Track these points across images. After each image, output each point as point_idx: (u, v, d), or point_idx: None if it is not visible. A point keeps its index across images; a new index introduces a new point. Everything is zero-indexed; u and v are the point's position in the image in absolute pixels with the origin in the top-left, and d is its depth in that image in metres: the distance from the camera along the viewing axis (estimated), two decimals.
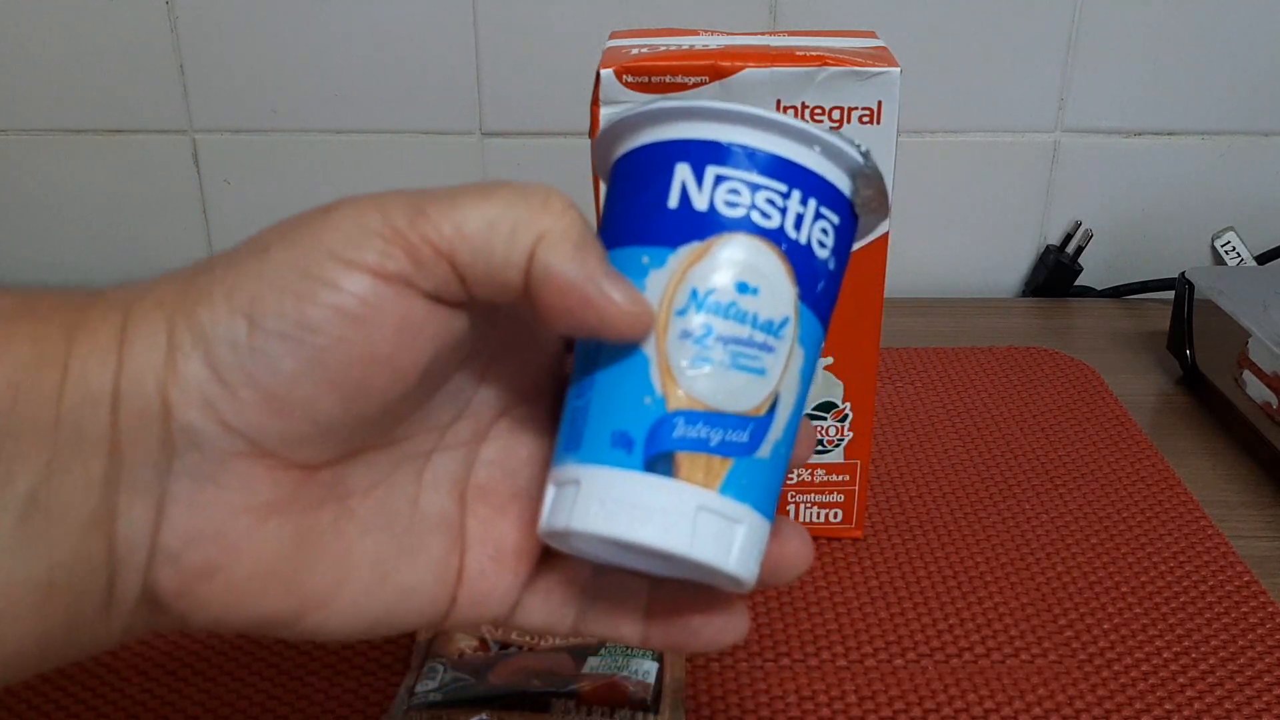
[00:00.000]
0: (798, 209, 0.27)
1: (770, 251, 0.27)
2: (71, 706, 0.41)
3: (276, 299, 0.24)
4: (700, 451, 0.26)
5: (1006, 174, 0.77)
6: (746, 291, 0.27)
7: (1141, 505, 0.53)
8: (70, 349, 0.24)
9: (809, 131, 0.27)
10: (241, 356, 0.24)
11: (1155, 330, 0.73)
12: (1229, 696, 0.42)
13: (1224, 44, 0.74)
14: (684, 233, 0.27)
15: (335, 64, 0.74)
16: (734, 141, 0.27)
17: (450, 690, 0.39)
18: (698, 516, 0.26)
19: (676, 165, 0.27)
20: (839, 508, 0.50)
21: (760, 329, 0.27)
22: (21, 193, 0.78)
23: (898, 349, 0.68)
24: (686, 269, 0.26)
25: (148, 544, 0.25)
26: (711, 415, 0.26)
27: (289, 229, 0.25)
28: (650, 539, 0.26)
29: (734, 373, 0.27)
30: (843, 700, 0.41)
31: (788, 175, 0.27)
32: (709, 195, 0.27)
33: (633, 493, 0.26)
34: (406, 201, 0.25)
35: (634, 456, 0.26)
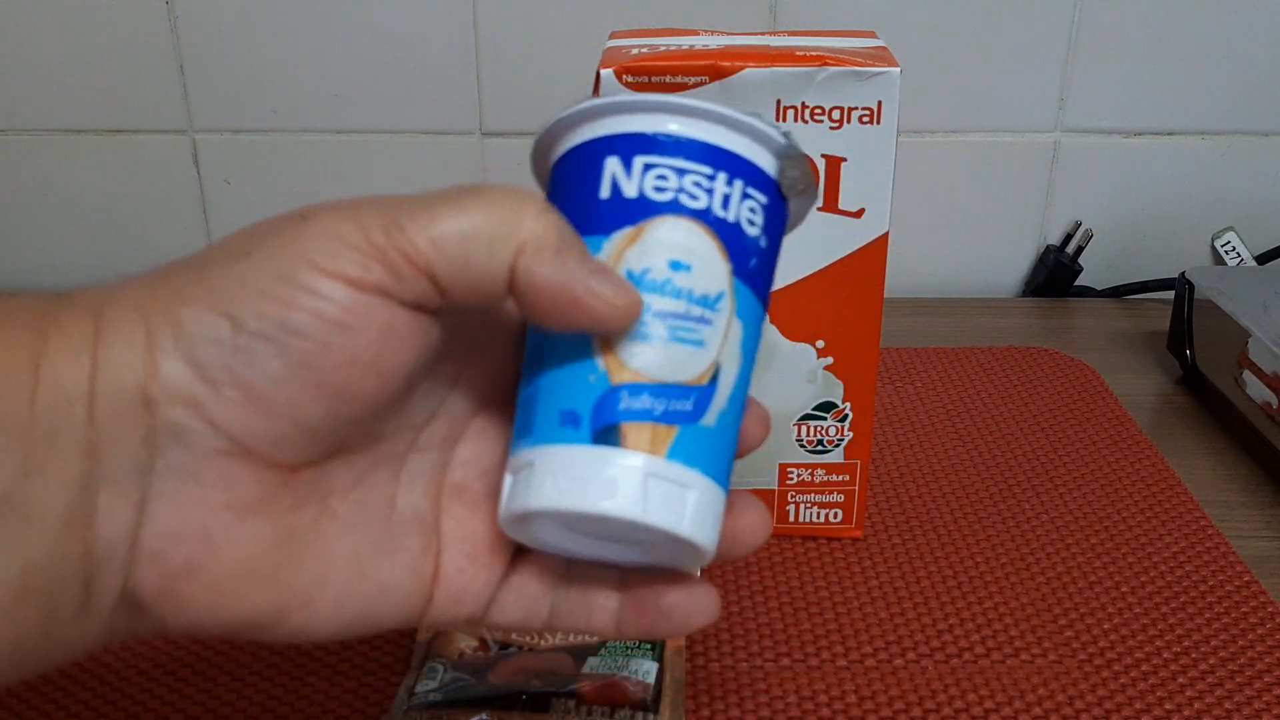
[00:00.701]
0: (724, 190, 0.28)
1: (700, 230, 0.28)
2: (71, 706, 0.41)
3: (258, 302, 0.24)
4: (645, 421, 0.27)
5: (1006, 174, 0.78)
6: (680, 268, 0.28)
7: (1141, 505, 0.53)
8: (42, 350, 0.24)
9: (731, 116, 0.28)
10: (225, 355, 0.24)
11: (1155, 330, 0.73)
12: (1229, 696, 0.42)
13: (1224, 44, 0.74)
14: (617, 219, 0.28)
15: (335, 64, 0.74)
16: (659, 131, 0.28)
17: (450, 690, 0.39)
18: (647, 482, 0.27)
19: (606, 159, 0.28)
20: (839, 508, 0.50)
21: (696, 303, 0.28)
22: (21, 193, 0.78)
23: (898, 349, 0.68)
24: (622, 251, 0.28)
25: (128, 542, 0.25)
26: (654, 386, 0.27)
27: (267, 234, 0.25)
28: (603, 508, 0.26)
29: (673, 345, 0.28)
30: (843, 700, 0.41)
31: (712, 159, 0.28)
32: (638, 183, 0.28)
33: (583, 465, 0.27)
34: (382, 213, 0.25)
35: (582, 431, 0.27)
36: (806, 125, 0.43)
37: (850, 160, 0.43)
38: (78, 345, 0.24)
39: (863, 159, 0.43)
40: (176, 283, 0.25)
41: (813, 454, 0.49)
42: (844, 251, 0.45)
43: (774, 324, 0.46)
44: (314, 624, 0.27)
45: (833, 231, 0.45)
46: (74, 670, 0.43)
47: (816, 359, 0.47)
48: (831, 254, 0.45)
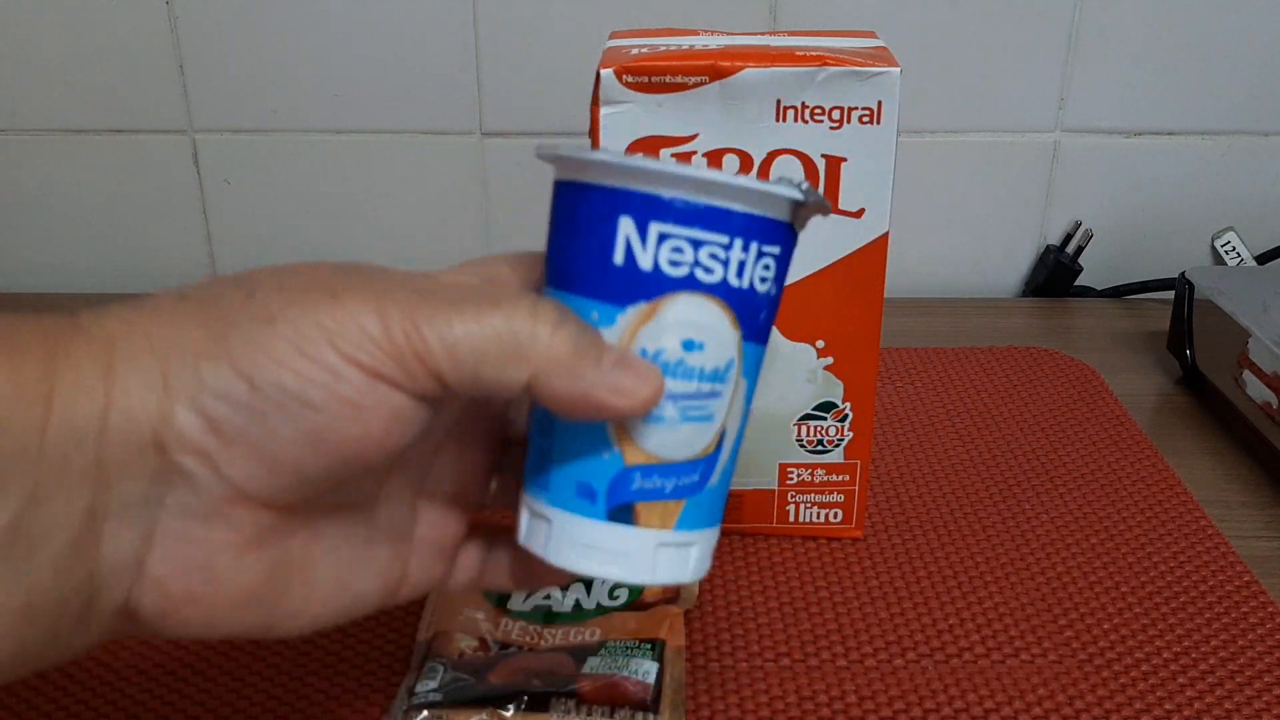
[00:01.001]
0: (740, 257, 0.28)
1: (714, 305, 0.28)
2: (71, 706, 0.41)
3: (278, 371, 0.25)
4: (656, 500, 0.29)
5: (1006, 174, 0.78)
6: (693, 349, 0.28)
7: (1141, 505, 0.53)
8: (52, 383, 0.24)
9: (748, 188, 0.28)
10: (240, 415, 0.25)
11: (1155, 330, 0.73)
12: (1229, 696, 0.42)
13: (1224, 44, 0.74)
14: (631, 292, 0.28)
15: (335, 64, 0.74)
16: (676, 196, 0.27)
17: (450, 690, 0.39)
18: (657, 553, 0.29)
19: (620, 217, 0.28)
20: (839, 508, 0.50)
21: (707, 380, 0.29)
22: (21, 193, 0.78)
23: (898, 349, 0.68)
24: (635, 329, 0.28)
25: (133, 569, 0.26)
26: (665, 467, 0.29)
27: (293, 301, 0.26)
28: (618, 576, 0.29)
29: (684, 425, 0.29)
30: (843, 700, 0.41)
31: (729, 226, 0.28)
32: (653, 254, 0.28)
33: (599, 538, 0.29)
34: (405, 311, 0.26)
35: (597, 507, 0.29)
36: (806, 125, 0.43)
37: (850, 160, 0.43)
38: (90, 382, 0.24)
39: (863, 159, 0.43)
40: (197, 333, 0.25)
41: (813, 454, 0.49)
42: (844, 251, 0.45)
43: (774, 324, 0.46)
44: (294, 631, 0.29)
45: (833, 231, 0.45)
46: (74, 670, 0.43)
47: (816, 359, 0.47)
48: (831, 254, 0.45)
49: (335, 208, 0.78)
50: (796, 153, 0.43)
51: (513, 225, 0.78)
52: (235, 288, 0.27)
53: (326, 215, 0.78)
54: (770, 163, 0.44)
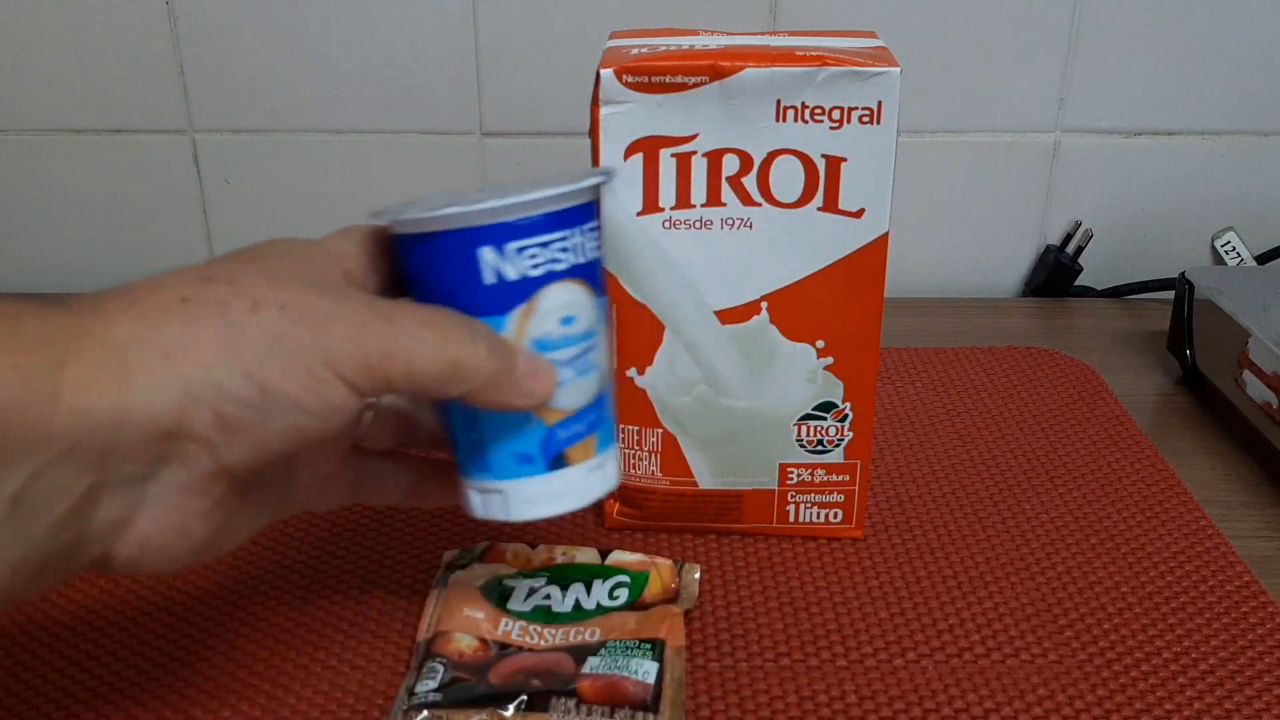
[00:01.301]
0: (577, 240, 0.36)
1: (572, 284, 0.35)
2: (71, 706, 0.41)
3: (286, 382, 0.31)
4: (578, 441, 0.37)
5: (1006, 174, 0.78)
6: (569, 322, 0.35)
7: (1141, 505, 0.53)
8: (61, 380, 0.28)
9: (573, 189, 0.35)
10: (249, 413, 0.31)
11: (1155, 330, 0.73)
12: (1229, 696, 0.42)
13: (1224, 44, 0.74)
14: (507, 301, 0.35)
15: (335, 64, 0.74)
16: (518, 219, 0.34)
17: (450, 690, 0.39)
18: (588, 478, 0.37)
19: (479, 250, 0.34)
20: (839, 508, 0.50)
21: (583, 340, 0.36)
22: (21, 193, 0.78)
23: (898, 349, 0.68)
24: (521, 326, 0.35)
25: (119, 529, 0.31)
26: (576, 414, 0.36)
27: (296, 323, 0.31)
28: (568, 508, 0.37)
29: (580, 380, 0.36)
30: (843, 700, 0.41)
31: (564, 223, 0.35)
32: (515, 266, 0.34)
33: (546, 488, 0.37)
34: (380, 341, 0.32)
35: (537, 466, 0.36)
36: (806, 125, 0.43)
37: (850, 160, 0.43)
38: (102, 381, 0.29)
39: (863, 159, 0.43)
40: (210, 342, 0.30)
41: (813, 454, 0.49)
42: (844, 251, 0.45)
43: (774, 324, 0.46)
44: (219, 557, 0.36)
45: (833, 231, 0.45)
46: (74, 669, 0.43)
47: (816, 359, 0.47)
48: (831, 254, 0.45)
49: (335, 208, 0.78)
50: (796, 153, 0.43)
51: None
52: (235, 294, 0.31)
53: (326, 215, 0.78)
54: (770, 163, 0.44)
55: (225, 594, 0.47)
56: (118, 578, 0.47)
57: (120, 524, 0.31)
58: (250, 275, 0.32)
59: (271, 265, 0.33)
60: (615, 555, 0.48)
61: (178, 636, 0.45)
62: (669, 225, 0.45)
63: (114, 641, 0.44)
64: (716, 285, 0.46)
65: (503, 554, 0.48)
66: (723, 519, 0.50)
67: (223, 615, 0.46)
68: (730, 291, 0.46)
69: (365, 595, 0.47)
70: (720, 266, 0.45)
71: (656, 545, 0.50)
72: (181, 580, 0.48)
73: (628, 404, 0.48)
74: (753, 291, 0.46)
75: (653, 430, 0.48)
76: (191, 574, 0.48)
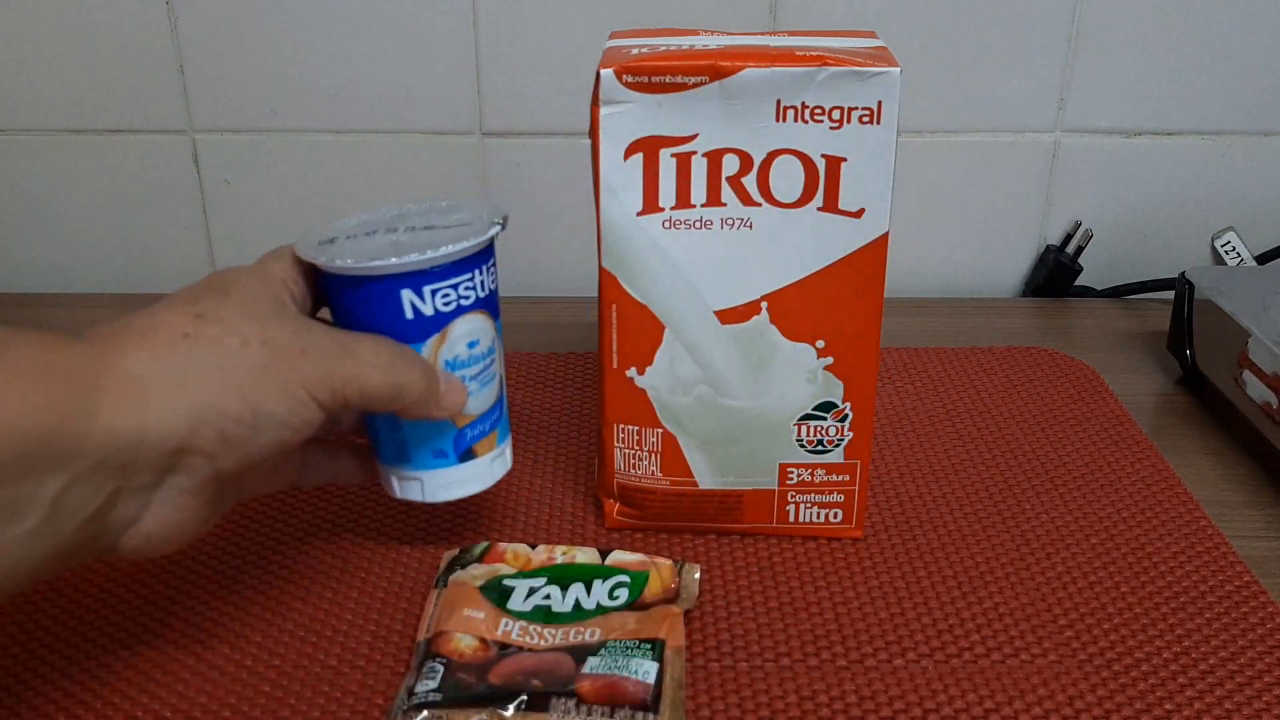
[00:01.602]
0: (480, 279, 0.43)
1: (477, 315, 0.44)
2: (72, 708, 0.41)
3: (271, 404, 0.38)
4: (483, 437, 0.46)
5: (1006, 174, 0.78)
6: (474, 345, 0.44)
7: (1141, 505, 0.53)
8: (95, 404, 0.34)
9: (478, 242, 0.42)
10: (245, 432, 0.37)
11: (1155, 330, 0.73)
12: (1229, 696, 0.42)
13: (1224, 44, 0.74)
14: (424, 331, 0.43)
15: (335, 64, 0.74)
16: (433, 268, 0.42)
17: (450, 690, 0.39)
18: (492, 464, 0.47)
19: (401, 292, 0.42)
20: (839, 508, 0.50)
21: (485, 358, 0.45)
22: (21, 193, 0.78)
23: (898, 349, 0.68)
24: (435, 351, 0.43)
25: (129, 525, 0.37)
26: (481, 417, 0.45)
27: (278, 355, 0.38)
28: (474, 490, 0.46)
29: (483, 390, 0.45)
30: (843, 700, 0.41)
31: (470, 267, 0.43)
32: (431, 304, 0.42)
33: (457, 476, 0.46)
34: (342, 366, 0.40)
35: (450, 459, 0.45)
36: (806, 125, 0.43)
37: (850, 160, 0.43)
38: (128, 408, 0.35)
39: (863, 159, 0.43)
40: (214, 376, 0.37)
41: (813, 454, 0.49)
42: (844, 251, 0.45)
43: (774, 324, 0.46)
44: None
45: (833, 231, 0.45)
46: (74, 670, 0.43)
47: (816, 359, 0.47)
48: (831, 254, 0.45)
49: (335, 208, 0.78)
50: (796, 153, 0.43)
51: (512, 225, 0.78)
52: (225, 332, 0.38)
53: (326, 215, 0.78)
54: (770, 163, 0.44)
55: (226, 594, 0.47)
56: (119, 572, 0.48)
57: (131, 521, 0.37)
58: (233, 313, 0.38)
59: (242, 298, 0.39)
60: (615, 555, 0.48)
61: (178, 637, 0.45)
62: (669, 225, 0.45)
63: (114, 642, 0.44)
64: (716, 285, 0.46)
65: (503, 554, 0.48)
66: (723, 519, 0.50)
67: (223, 615, 0.46)
68: (730, 291, 0.46)
69: (365, 595, 0.47)
70: (720, 266, 0.45)
71: (656, 545, 0.50)
72: (182, 580, 0.48)
73: (628, 404, 0.48)
74: (753, 291, 0.46)
75: (653, 430, 0.48)
76: (191, 574, 0.48)
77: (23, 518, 0.33)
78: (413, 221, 0.44)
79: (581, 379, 0.65)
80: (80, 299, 0.77)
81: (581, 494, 0.54)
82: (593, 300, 0.48)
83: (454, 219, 0.44)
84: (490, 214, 0.44)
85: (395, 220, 0.45)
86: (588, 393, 0.64)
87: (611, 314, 0.47)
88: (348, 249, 0.42)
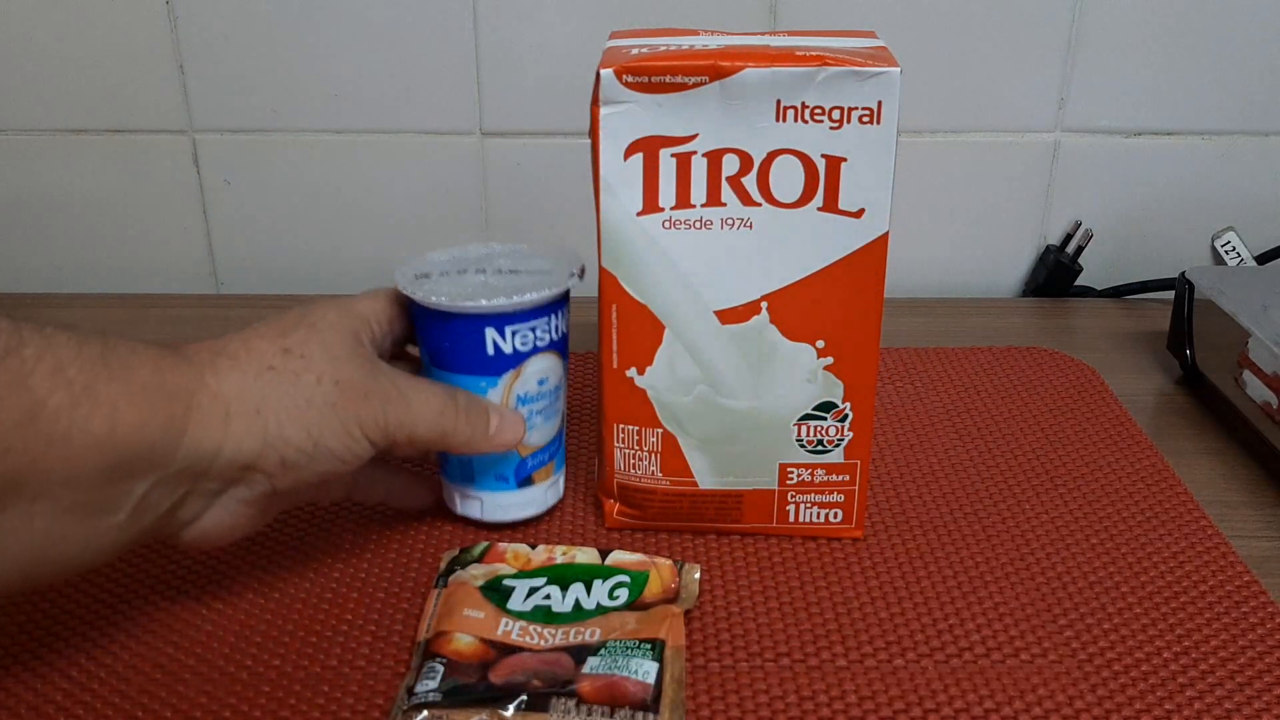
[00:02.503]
0: (555, 323, 0.48)
1: (550, 355, 0.48)
2: (72, 708, 0.41)
3: (330, 439, 0.42)
4: (542, 467, 0.50)
5: (1006, 174, 0.78)
6: (544, 383, 0.48)
7: (1141, 505, 0.53)
8: (186, 421, 0.39)
9: (557, 291, 0.46)
10: (301, 459, 0.42)
11: (1155, 330, 0.73)
12: (1229, 696, 0.42)
13: (1224, 44, 0.74)
14: (501, 367, 0.47)
15: (335, 64, 0.74)
16: (517, 309, 0.46)
17: (450, 690, 0.39)
18: (547, 492, 0.51)
19: (487, 329, 0.46)
20: (839, 508, 0.50)
21: (551, 395, 0.49)
22: (21, 193, 0.78)
23: (898, 349, 0.68)
24: (510, 386, 0.47)
25: (190, 523, 0.42)
26: (543, 449, 0.50)
27: (344, 395, 0.42)
28: (528, 515, 0.51)
29: (546, 424, 0.49)
30: (843, 700, 0.41)
31: (547, 312, 0.47)
32: (510, 344, 0.46)
33: (515, 500, 0.50)
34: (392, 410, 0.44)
35: (510, 484, 0.50)
36: (806, 125, 0.43)
37: (850, 160, 0.43)
38: (212, 426, 0.40)
39: (863, 159, 0.43)
40: (286, 405, 0.41)
41: (813, 454, 0.49)
42: (844, 251, 0.45)
43: (774, 324, 0.46)
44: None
45: (833, 231, 0.45)
46: (74, 670, 0.43)
47: (816, 359, 0.47)
48: (831, 254, 0.45)
49: (335, 208, 0.78)
50: (796, 153, 0.43)
51: (512, 225, 0.78)
52: (305, 369, 0.42)
53: (326, 215, 0.78)
54: (770, 163, 0.44)
55: (226, 594, 0.47)
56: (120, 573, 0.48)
57: (194, 519, 0.42)
58: (315, 350, 0.43)
59: (326, 337, 0.43)
60: (615, 555, 0.48)
61: (178, 638, 0.45)
62: (669, 225, 0.45)
63: (115, 642, 0.44)
64: (716, 285, 0.46)
65: (503, 554, 0.48)
66: (723, 519, 0.50)
67: (223, 615, 0.46)
68: (730, 291, 0.46)
69: (365, 595, 0.47)
70: (720, 266, 0.45)
71: (656, 545, 0.50)
72: (182, 580, 0.48)
73: (628, 404, 0.48)
74: (753, 291, 0.46)
75: (653, 430, 0.48)
76: (191, 574, 0.48)
77: (116, 511, 0.38)
78: (499, 264, 0.49)
79: (581, 379, 0.65)
80: (80, 299, 0.77)
81: (581, 494, 0.54)
82: (593, 300, 0.48)
83: (536, 265, 0.48)
84: (570, 264, 0.48)
85: (483, 260, 0.49)
86: (588, 393, 0.64)
87: (611, 314, 0.47)
88: (441, 286, 0.46)
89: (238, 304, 0.76)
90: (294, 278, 0.80)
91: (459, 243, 0.51)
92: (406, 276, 0.47)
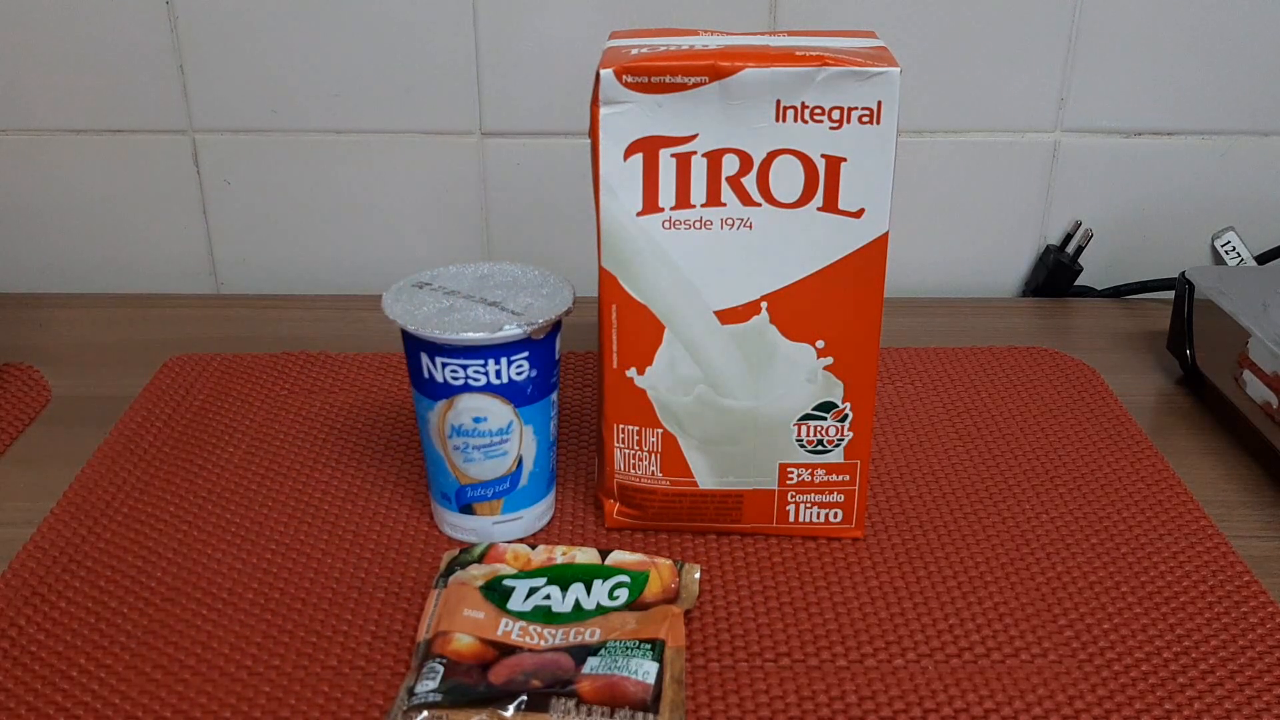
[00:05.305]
0: (495, 368, 0.47)
1: (488, 397, 0.47)
2: (72, 708, 0.41)
3: None
4: (483, 500, 0.50)
5: (1006, 174, 0.78)
6: (481, 420, 0.48)
7: (1141, 505, 0.53)
8: None
9: (485, 337, 0.45)
10: None
11: (1155, 330, 0.73)
12: (1229, 696, 0.42)
13: (1224, 44, 0.74)
14: (437, 393, 0.48)
15: (335, 64, 0.74)
16: (445, 343, 0.46)
17: (450, 690, 0.39)
18: (494, 528, 0.50)
19: (421, 353, 0.47)
20: (839, 508, 0.50)
21: (495, 436, 0.48)
22: (21, 193, 0.78)
23: (898, 349, 0.68)
24: (444, 414, 0.48)
25: None
26: (481, 484, 0.49)
27: None
28: (471, 541, 0.51)
29: (487, 461, 0.49)
30: (843, 700, 0.41)
31: (480, 355, 0.46)
32: (441, 373, 0.47)
33: (458, 521, 0.51)
34: None
35: (453, 505, 0.50)
36: (806, 125, 0.43)
37: (850, 160, 0.43)
38: None
39: (863, 159, 0.43)
40: None
41: (813, 454, 0.49)
42: (844, 251, 0.45)
43: (774, 324, 0.46)
44: None
45: (833, 231, 0.45)
46: (74, 670, 0.43)
47: (816, 359, 0.47)
48: (831, 254, 0.45)
49: (335, 208, 0.78)
50: (796, 153, 0.43)
51: (512, 225, 0.78)
52: None
53: (326, 215, 0.78)
54: (770, 163, 0.44)
55: (226, 594, 0.47)
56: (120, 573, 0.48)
57: None
58: None
59: None
60: (615, 555, 0.48)
61: (178, 638, 0.45)
62: (669, 225, 0.45)
63: (114, 642, 0.44)
64: (716, 285, 0.46)
65: (503, 554, 0.48)
66: (723, 519, 0.50)
67: (223, 615, 0.46)
68: (730, 291, 0.46)
69: (365, 595, 0.47)
70: (720, 266, 0.45)
71: (656, 545, 0.50)
72: (182, 580, 0.48)
73: (628, 404, 0.48)
74: (753, 291, 0.46)
75: (653, 430, 0.48)
76: (191, 574, 0.48)
77: None
78: (494, 294, 0.48)
79: (581, 379, 0.65)
80: (80, 299, 0.77)
81: (581, 494, 0.54)
82: (593, 300, 0.48)
83: (524, 302, 0.48)
84: (537, 315, 0.46)
85: (481, 282, 0.49)
86: (588, 393, 0.64)
87: (611, 314, 0.47)
88: (411, 299, 0.48)
89: (238, 304, 0.76)
90: (294, 278, 0.80)
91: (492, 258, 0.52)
92: (406, 281, 0.49)
